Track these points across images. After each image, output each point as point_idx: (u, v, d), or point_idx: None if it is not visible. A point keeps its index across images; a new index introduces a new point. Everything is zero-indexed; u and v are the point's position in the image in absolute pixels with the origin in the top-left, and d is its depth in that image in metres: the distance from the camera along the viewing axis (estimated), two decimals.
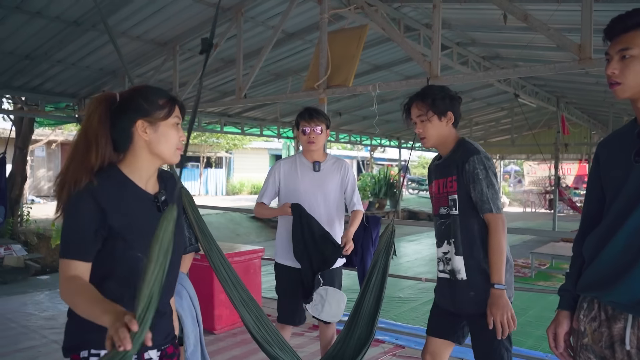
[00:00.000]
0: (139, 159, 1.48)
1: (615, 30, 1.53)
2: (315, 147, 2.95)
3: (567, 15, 4.79)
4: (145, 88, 1.49)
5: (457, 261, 2.18)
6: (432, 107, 2.21)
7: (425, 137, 2.25)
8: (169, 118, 1.47)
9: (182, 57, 5.99)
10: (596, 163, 1.73)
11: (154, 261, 1.21)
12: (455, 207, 2.18)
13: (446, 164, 2.26)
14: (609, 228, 1.58)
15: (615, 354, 1.57)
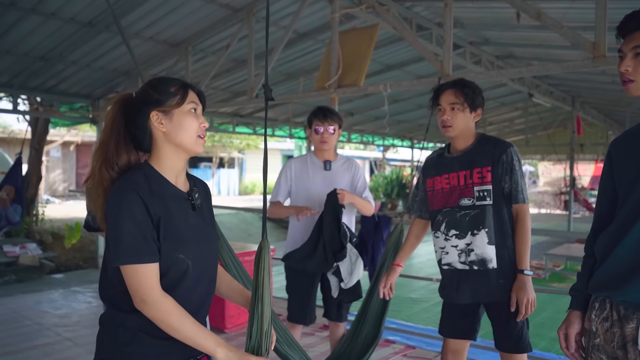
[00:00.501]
0: (163, 153, 1.41)
1: (629, 27, 1.52)
2: (327, 147, 2.96)
3: (581, 13, 4.73)
4: (154, 79, 1.46)
5: (489, 251, 2.20)
6: (468, 99, 2.24)
7: (451, 126, 2.25)
8: (182, 104, 1.40)
9: (194, 58, 6.03)
10: (608, 162, 1.71)
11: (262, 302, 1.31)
12: (490, 197, 2.20)
13: (471, 156, 2.27)
14: (621, 227, 1.56)
15: (628, 354, 1.54)
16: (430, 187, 2.38)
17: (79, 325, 4.57)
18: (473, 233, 2.21)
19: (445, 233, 2.29)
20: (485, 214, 2.19)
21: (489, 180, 2.19)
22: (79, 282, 6.43)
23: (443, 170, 2.33)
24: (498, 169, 2.19)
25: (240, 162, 24.86)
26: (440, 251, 2.32)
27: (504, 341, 2.25)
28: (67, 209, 13.69)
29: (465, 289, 2.25)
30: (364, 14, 4.77)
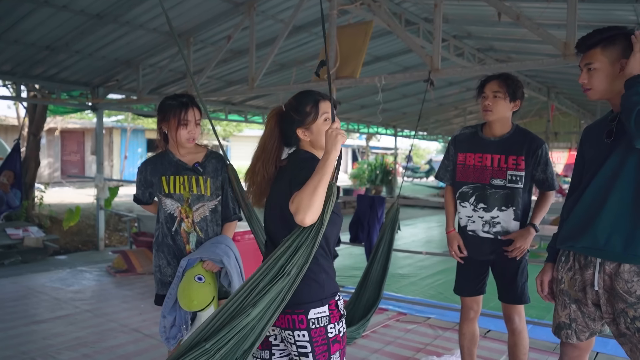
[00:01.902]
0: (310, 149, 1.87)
1: (582, 47, 2.00)
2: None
3: (556, 12, 5.17)
4: (296, 100, 1.89)
5: (513, 225, 2.64)
6: (509, 90, 2.60)
7: (491, 111, 2.62)
8: (317, 119, 1.83)
9: (195, 48, 6.32)
10: (581, 144, 2.18)
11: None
12: (521, 181, 2.59)
13: (508, 144, 2.63)
14: (581, 190, 2.03)
15: (587, 294, 2.00)
16: (461, 161, 2.73)
17: (94, 299, 4.91)
18: (501, 209, 2.62)
19: (474, 205, 2.68)
20: (515, 195, 2.59)
21: (523, 168, 2.58)
22: (83, 262, 6.73)
23: (477, 149, 2.68)
24: (531, 160, 2.58)
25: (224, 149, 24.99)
26: (467, 219, 2.72)
27: (508, 294, 2.69)
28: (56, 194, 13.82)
29: (487, 251, 2.69)
30: (357, 10, 5.14)
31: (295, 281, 1.71)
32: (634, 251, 1.86)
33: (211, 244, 2.40)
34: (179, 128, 2.38)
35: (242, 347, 1.70)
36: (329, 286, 1.79)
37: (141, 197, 2.59)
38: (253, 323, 1.70)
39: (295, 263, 1.70)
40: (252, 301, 1.69)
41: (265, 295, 1.68)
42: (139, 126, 20.89)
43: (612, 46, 1.92)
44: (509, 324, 2.74)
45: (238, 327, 1.68)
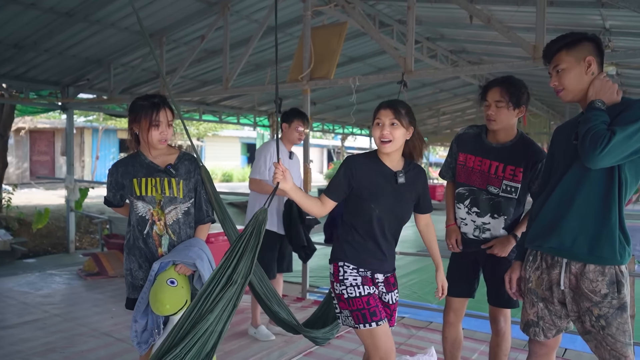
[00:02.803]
0: None
1: (548, 54, 2.07)
2: (299, 143, 3.96)
3: (526, 16, 5.28)
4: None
5: (502, 234, 2.63)
6: (513, 97, 2.50)
7: (495, 120, 2.56)
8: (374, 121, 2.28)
9: (168, 47, 6.24)
10: (551, 144, 2.23)
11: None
12: (515, 193, 2.55)
13: (509, 153, 2.56)
14: (549, 191, 2.08)
15: (553, 294, 2.05)
16: (462, 161, 2.69)
17: (64, 303, 4.80)
18: (493, 216, 2.60)
19: (468, 207, 2.67)
20: (507, 205, 2.56)
21: (519, 180, 2.52)
22: (53, 265, 6.57)
23: (478, 152, 2.63)
24: (529, 173, 2.52)
25: (199, 150, 24.80)
26: (460, 221, 2.72)
27: (497, 298, 2.66)
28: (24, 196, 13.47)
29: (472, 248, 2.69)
30: (332, 11, 5.16)
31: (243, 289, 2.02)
32: (598, 253, 1.92)
33: (184, 247, 2.38)
34: (151, 129, 2.35)
35: (205, 350, 1.92)
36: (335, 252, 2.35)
37: (112, 200, 2.55)
38: (212, 327, 1.94)
39: (240, 273, 2.03)
40: (209, 307, 1.93)
41: (219, 302, 1.94)
42: (111, 126, 20.53)
43: (576, 46, 1.99)
44: (494, 325, 2.74)
45: (200, 331, 1.90)
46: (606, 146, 1.78)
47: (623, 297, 1.92)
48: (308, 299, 4.91)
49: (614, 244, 1.90)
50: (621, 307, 1.91)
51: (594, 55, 1.99)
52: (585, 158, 1.85)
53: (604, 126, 1.84)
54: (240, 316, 4.35)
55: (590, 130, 1.84)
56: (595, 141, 1.80)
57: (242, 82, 8.23)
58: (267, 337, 3.86)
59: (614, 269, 1.92)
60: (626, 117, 1.84)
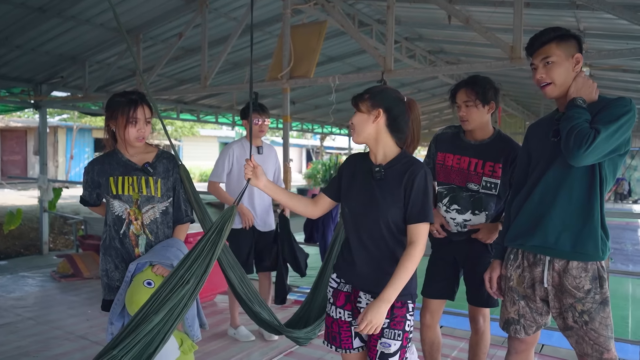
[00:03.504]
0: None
1: (535, 46, 2.04)
2: (262, 135, 3.76)
3: (503, 17, 5.35)
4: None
5: None
6: (479, 95, 2.54)
7: (467, 121, 2.58)
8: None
9: (145, 45, 6.14)
10: (526, 141, 2.24)
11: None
12: (495, 189, 2.56)
13: (487, 150, 2.58)
14: (529, 188, 2.08)
15: (536, 291, 2.06)
16: (440, 160, 2.69)
17: (38, 306, 4.67)
18: (474, 213, 2.60)
19: (447, 206, 2.66)
20: (488, 201, 2.57)
21: (499, 175, 2.54)
22: (25, 267, 6.39)
23: (457, 151, 2.64)
24: (509, 168, 2.52)
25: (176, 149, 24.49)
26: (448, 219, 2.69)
27: (476, 297, 2.66)
28: None
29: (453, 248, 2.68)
30: (311, 10, 5.14)
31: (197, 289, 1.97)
32: (581, 249, 1.94)
33: (161, 247, 2.33)
34: (128, 126, 2.30)
35: (147, 351, 1.89)
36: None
37: (88, 199, 2.49)
38: (157, 328, 1.91)
39: (193, 272, 1.97)
40: (155, 309, 1.91)
41: (167, 303, 1.91)
42: (85, 125, 20.14)
43: (565, 42, 1.98)
44: (473, 324, 2.75)
45: (142, 333, 1.88)
46: (591, 144, 1.80)
47: (605, 292, 1.95)
48: (288, 299, 4.86)
49: (597, 240, 1.93)
50: (604, 301, 1.94)
51: (581, 54, 2.01)
52: (569, 156, 1.86)
53: (587, 124, 1.86)
54: (220, 316, 4.30)
55: (574, 128, 1.85)
56: (580, 139, 1.82)
57: (221, 81, 8.15)
58: (247, 338, 3.82)
59: (596, 265, 1.95)
60: (607, 116, 1.86)
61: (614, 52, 3.56)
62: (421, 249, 1.83)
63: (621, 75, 7.06)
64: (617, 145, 1.86)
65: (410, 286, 1.88)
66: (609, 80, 7.92)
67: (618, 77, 7.44)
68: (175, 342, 2.30)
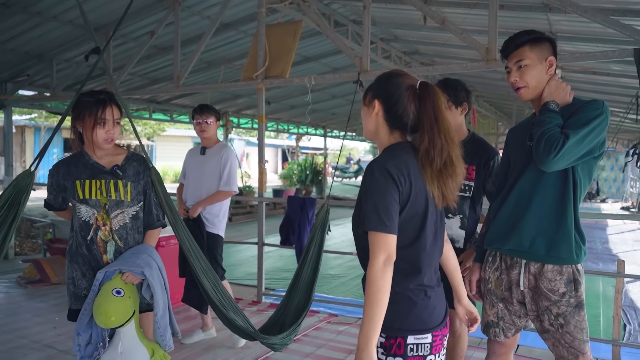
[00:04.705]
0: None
1: (509, 48, 2.03)
2: (205, 135, 3.68)
3: (478, 19, 5.39)
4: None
5: (459, 233, 2.57)
6: (452, 97, 2.52)
7: None
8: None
9: (116, 43, 5.98)
10: (506, 145, 2.24)
11: None
12: (469, 191, 2.53)
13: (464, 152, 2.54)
14: (506, 192, 2.08)
15: (513, 294, 2.06)
16: None
17: (2, 314, 4.49)
18: (447, 216, 2.54)
19: None
20: (462, 203, 2.52)
21: (472, 177, 2.51)
22: None
23: None
24: (482, 170, 2.51)
25: (149, 149, 24.09)
26: None
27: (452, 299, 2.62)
28: None
29: None
30: (286, 9, 5.08)
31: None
32: (556, 253, 1.93)
33: (131, 254, 2.24)
34: (96, 127, 2.20)
35: None
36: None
37: (53, 203, 2.37)
38: None
39: None
40: None
41: None
42: (54, 125, 19.61)
43: (539, 45, 1.98)
44: (450, 327, 2.72)
45: None
46: (560, 150, 1.79)
47: (580, 295, 1.95)
48: (264, 302, 4.81)
49: (571, 244, 1.92)
50: (578, 305, 1.94)
51: (554, 56, 2.00)
52: (539, 161, 1.86)
53: (557, 129, 1.86)
54: (193, 322, 4.20)
55: (544, 133, 1.85)
56: (549, 145, 1.81)
57: (194, 80, 8.01)
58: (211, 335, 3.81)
59: (571, 268, 1.95)
60: (578, 120, 1.86)
61: (587, 54, 3.60)
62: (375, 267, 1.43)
63: (591, 77, 7.20)
64: (589, 148, 1.85)
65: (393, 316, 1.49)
66: (580, 82, 8.08)
67: (589, 79, 7.58)
68: (147, 352, 2.22)
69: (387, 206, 1.46)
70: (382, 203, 1.46)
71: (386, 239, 1.44)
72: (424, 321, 1.55)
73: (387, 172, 1.48)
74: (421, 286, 1.57)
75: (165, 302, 2.31)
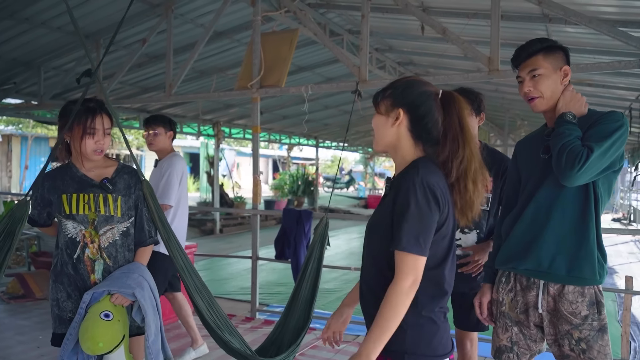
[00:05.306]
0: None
1: (521, 57, 1.93)
2: (153, 148, 3.55)
3: (475, 29, 5.32)
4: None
5: None
6: (474, 104, 2.47)
7: None
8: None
9: None
10: (515, 158, 2.11)
11: None
12: (487, 204, 2.42)
13: None
14: (520, 208, 1.96)
15: (529, 317, 1.93)
16: None
17: None
18: (464, 231, 2.46)
19: None
20: (480, 218, 2.37)
21: (490, 189, 2.41)
22: None
23: None
24: (500, 181, 2.40)
25: (138, 159, 23.83)
26: None
27: (464, 321, 2.51)
28: None
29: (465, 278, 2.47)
30: (282, 18, 4.98)
31: None
32: (578, 273, 1.82)
33: (121, 274, 2.08)
34: (85, 137, 2.06)
35: None
36: None
37: (37, 218, 2.22)
38: None
39: None
40: None
41: None
42: (41, 134, 19.29)
43: (553, 54, 1.89)
44: (460, 349, 2.61)
45: None
46: (584, 164, 1.69)
47: (604, 319, 1.83)
48: (258, 319, 4.64)
49: (594, 263, 1.81)
50: (602, 328, 1.82)
51: (568, 66, 1.91)
52: (562, 176, 1.76)
53: (578, 142, 1.76)
54: (184, 340, 4.02)
55: (565, 146, 1.75)
56: (572, 159, 1.71)
57: (186, 89, 7.88)
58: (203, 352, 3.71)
59: (594, 289, 1.84)
60: (599, 132, 1.77)
61: (593, 65, 3.53)
62: (401, 287, 1.37)
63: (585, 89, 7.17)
64: (611, 162, 1.76)
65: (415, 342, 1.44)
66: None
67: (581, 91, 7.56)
68: None
69: (426, 229, 1.40)
70: (422, 225, 1.39)
71: (418, 261, 1.40)
72: (444, 345, 1.51)
73: (432, 194, 1.40)
74: (442, 309, 1.53)
75: (157, 326, 2.16)
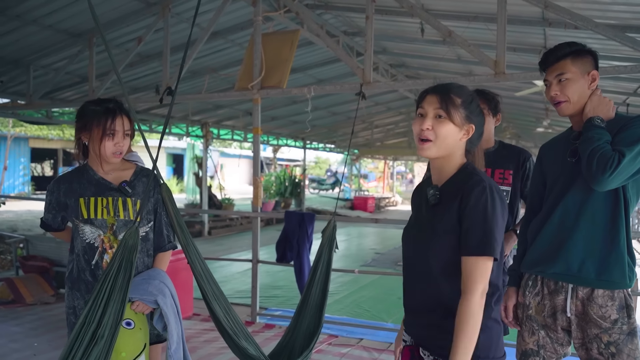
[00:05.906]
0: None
1: (549, 61, 1.93)
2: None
3: (476, 33, 5.34)
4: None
5: None
6: (491, 104, 2.54)
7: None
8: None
9: (99, 49, 5.70)
10: (539, 162, 2.11)
11: None
12: (507, 197, 2.44)
13: (494, 158, 2.49)
14: (547, 211, 1.95)
15: (557, 321, 1.92)
16: None
17: None
18: None
19: None
20: None
21: (510, 182, 2.45)
22: None
23: None
24: (519, 174, 2.44)
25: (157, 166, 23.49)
26: None
27: None
28: None
29: None
30: (282, 18, 4.93)
31: (112, 343, 1.76)
32: (608, 277, 1.82)
33: (142, 280, 2.01)
34: (104, 139, 1.98)
35: None
36: None
37: (51, 223, 2.13)
38: None
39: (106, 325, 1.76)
40: None
41: None
42: (21, 134, 18.87)
43: (581, 58, 1.89)
44: None
45: None
46: (616, 168, 1.70)
47: (633, 322, 1.83)
48: (258, 323, 4.58)
49: (624, 267, 1.81)
50: (631, 332, 1.82)
51: (597, 70, 1.91)
52: (592, 181, 1.76)
53: (608, 146, 1.76)
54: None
55: (595, 151, 1.75)
56: (603, 163, 1.72)
57: (178, 90, 7.74)
58: None
59: (623, 293, 1.83)
60: (629, 136, 1.77)
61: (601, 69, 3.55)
62: (478, 297, 1.39)
63: None
64: None
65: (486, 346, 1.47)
66: None
67: None
68: None
69: (501, 231, 1.46)
70: (498, 227, 1.44)
71: (490, 265, 1.43)
72: (502, 346, 1.56)
73: (500, 197, 1.47)
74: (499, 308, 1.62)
75: (179, 334, 2.09)
